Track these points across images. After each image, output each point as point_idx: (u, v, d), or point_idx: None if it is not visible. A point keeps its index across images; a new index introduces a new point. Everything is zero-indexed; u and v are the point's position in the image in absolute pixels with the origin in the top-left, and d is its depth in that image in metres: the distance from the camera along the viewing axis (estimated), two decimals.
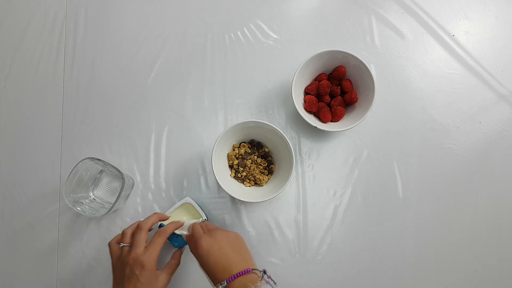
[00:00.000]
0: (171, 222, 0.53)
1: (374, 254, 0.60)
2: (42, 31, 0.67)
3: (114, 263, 0.49)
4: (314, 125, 0.56)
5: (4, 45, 0.67)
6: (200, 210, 0.57)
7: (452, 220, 0.61)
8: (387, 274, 0.60)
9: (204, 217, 0.57)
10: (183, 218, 0.57)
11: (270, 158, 0.60)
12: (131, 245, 0.48)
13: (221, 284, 0.42)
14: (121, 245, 0.49)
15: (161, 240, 0.49)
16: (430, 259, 0.60)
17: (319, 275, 0.60)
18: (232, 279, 0.42)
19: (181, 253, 0.53)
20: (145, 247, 0.48)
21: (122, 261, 0.47)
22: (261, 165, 0.59)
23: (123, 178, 0.56)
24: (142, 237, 0.49)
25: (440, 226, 0.61)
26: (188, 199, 0.58)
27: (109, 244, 0.50)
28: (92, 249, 0.61)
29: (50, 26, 0.67)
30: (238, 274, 0.43)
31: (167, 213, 0.57)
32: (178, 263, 0.51)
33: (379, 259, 0.60)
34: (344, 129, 0.56)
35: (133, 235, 0.49)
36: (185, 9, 0.67)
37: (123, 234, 0.50)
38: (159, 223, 0.55)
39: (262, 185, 0.59)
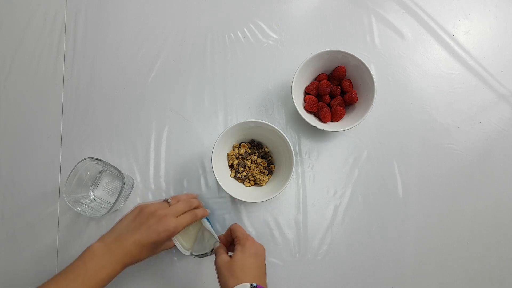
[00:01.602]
0: (204, 208, 0.55)
1: (374, 254, 0.60)
2: (42, 31, 0.67)
3: (141, 206, 0.51)
4: (314, 125, 0.56)
5: (4, 45, 0.67)
6: (211, 228, 0.55)
7: (452, 220, 0.61)
8: (387, 274, 0.60)
9: (214, 234, 0.54)
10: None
11: (270, 158, 0.60)
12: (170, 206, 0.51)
13: (251, 285, 0.43)
14: (168, 200, 0.52)
15: (190, 218, 0.51)
16: (430, 259, 0.60)
17: (319, 275, 0.60)
18: None
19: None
20: (177, 217, 0.50)
21: (154, 211, 0.49)
22: (261, 165, 0.59)
23: (123, 178, 0.56)
24: (182, 208, 0.51)
25: (440, 226, 0.61)
26: None
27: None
28: None
29: (50, 26, 0.67)
30: None
31: None
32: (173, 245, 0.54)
33: (379, 259, 0.60)
34: (344, 129, 0.56)
35: (180, 202, 0.53)
36: (185, 9, 0.67)
37: (176, 196, 0.54)
38: None
39: (262, 185, 0.59)
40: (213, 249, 0.52)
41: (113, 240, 0.47)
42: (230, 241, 0.53)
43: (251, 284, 0.43)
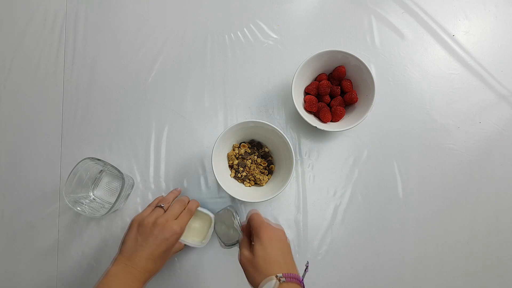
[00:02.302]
0: (194, 200, 0.57)
1: (374, 254, 0.60)
2: (42, 31, 0.67)
3: (138, 220, 0.50)
4: (314, 125, 0.56)
5: (4, 45, 0.67)
6: (207, 211, 0.57)
7: (452, 220, 0.61)
8: (387, 274, 0.60)
9: (212, 215, 0.57)
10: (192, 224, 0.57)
11: (270, 158, 0.60)
12: (165, 211, 0.52)
13: (276, 277, 0.41)
14: (161, 205, 0.53)
15: (189, 215, 0.53)
16: (430, 259, 0.60)
17: (319, 275, 0.60)
18: (291, 277, 0.42)
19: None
20: (176, 218, 0.52)
21: (154, 221, 0.49)
22: (261, 165, 0.59)
23: (123, 178, 0.56)
24: (179, 210, 0.52)
25: (440, 226, 0.61)
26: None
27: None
28: (92, 249, 0.61)
29: (50, 26, 0.67)
30: (294, 275, 0.42)
31: None
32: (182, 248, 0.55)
33: (379, 259, 0.60)
34: (344, 129, 0.56)
35: (174, 203, 0.54)
36: (185, 9, 0.67)
37: (164, 199, 0.55)
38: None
39: (262, 185, 0.59)
40: (237, 240, 0.52)
41: (126, 261, 0.47)
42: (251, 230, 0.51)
43: (277, 276, 0.41)
